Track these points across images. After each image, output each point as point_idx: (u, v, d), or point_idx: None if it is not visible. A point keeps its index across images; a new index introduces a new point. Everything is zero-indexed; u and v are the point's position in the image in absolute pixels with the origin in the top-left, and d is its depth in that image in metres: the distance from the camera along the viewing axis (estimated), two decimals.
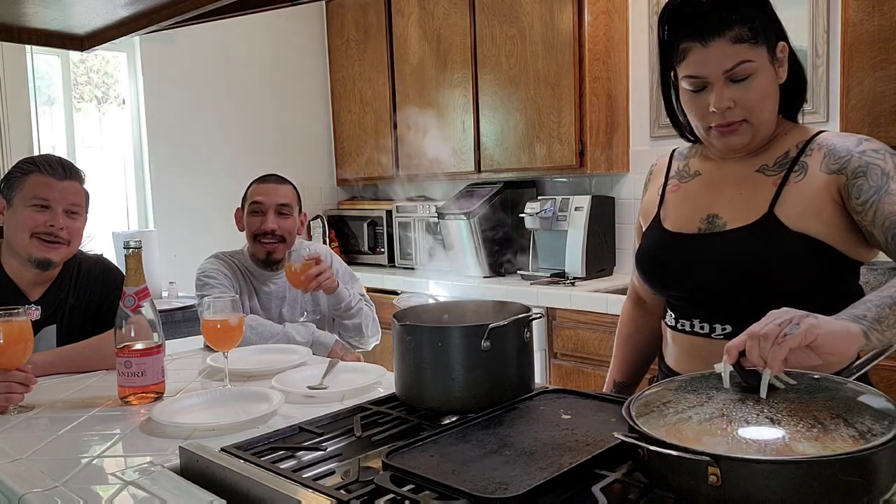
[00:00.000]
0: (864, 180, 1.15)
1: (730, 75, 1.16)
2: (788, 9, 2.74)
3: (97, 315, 1.83)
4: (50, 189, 1.73)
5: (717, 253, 1.21)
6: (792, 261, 1.16)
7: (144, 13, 1.63)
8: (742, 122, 1.19)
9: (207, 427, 1.27)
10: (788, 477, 0.77)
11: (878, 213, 1.13)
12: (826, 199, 1.17)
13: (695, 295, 1.25)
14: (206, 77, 3.89)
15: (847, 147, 1.19)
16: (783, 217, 1.17)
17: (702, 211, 1.26)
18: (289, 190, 2.22)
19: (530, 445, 0.99)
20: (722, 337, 1.21)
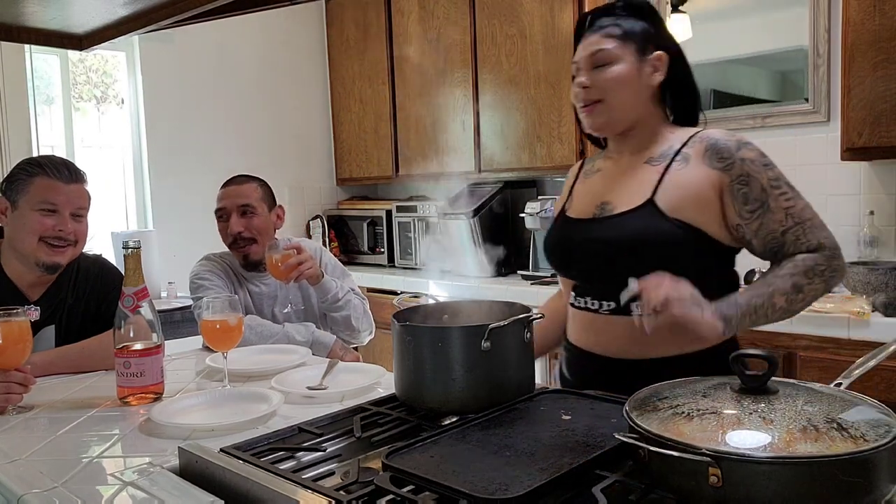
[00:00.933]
0: (749, 190, 1.31)
1: (592, 61, 1.36)
2: (789, 9, 2.75)
3: (96, 315, 1.82)
4: (57, 193, 1.72)
5: (603, 235, 1.35)
6: (668, 244, 1.28)
7: (143, 12, 1.63)
8: (598, 102, 1.36)
9: (207, 428, 1.27)
10: (790, 477, 0.76)
11: (762, 226, 1.31)
12: (708, 191, 1.31)
13: (587, 274, 1.40)
14: (205, 76, 3.88)
15: (729, 148, 1.33)
16: (662, 204, 1.30)
17: (597, 199, 1.41)
18: (251, 188, 2.15)
19: (530, 446, 0.99)
20: (608, 312, 1.34)
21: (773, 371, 0.91)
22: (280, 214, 2.23)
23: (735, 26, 2.91)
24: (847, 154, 2.40)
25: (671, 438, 0.83)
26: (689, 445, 0.81)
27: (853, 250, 2.63)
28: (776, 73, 2.86)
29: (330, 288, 2.13)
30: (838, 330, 2.17)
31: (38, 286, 1.79)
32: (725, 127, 2.94)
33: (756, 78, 2.92)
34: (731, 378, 0.95)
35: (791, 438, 0.80)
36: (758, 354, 0.92)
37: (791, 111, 2.77)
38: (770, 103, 2.85)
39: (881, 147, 2.32)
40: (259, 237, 2.12)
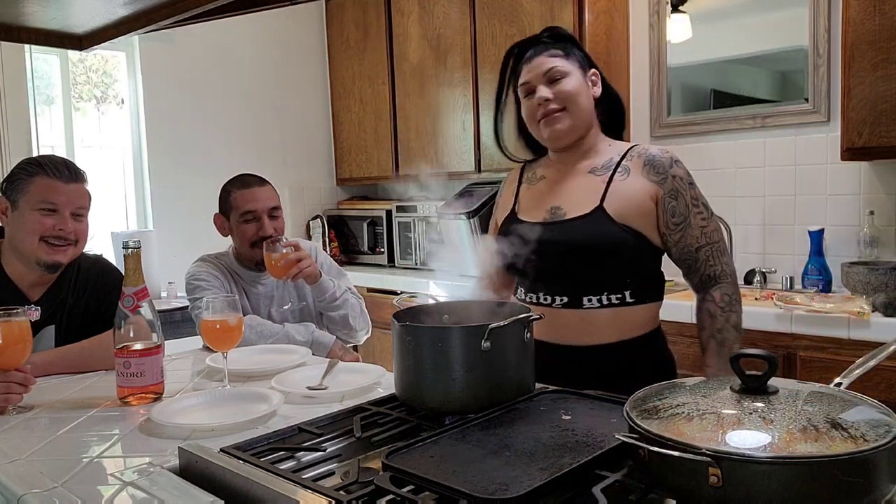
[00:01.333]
0: (676, 204, 1.49)
1: (547, 77, 1.52)
2: (789, 9, 2.75)
3: (96, 315, 1.82)
4: (57, 192, 1.72)
5: (557, 237, 1.50)
6: (616, 245, 1.46)
7: (143, 12, 1.63)
8: (561, 111, 1.51)
9: (207, 427, 1.27)
10: (790, 477, 0.76)
11: (682, 239, 1.50)
12: (647, 200, 1.49)
13: (539, 272, 1.53)
14: (205, 76, 3.88)
15: (664, 164, 1.50)
16: (610, 210, 1.47)
17: (547, 204, 1.56)
18: (272, 191, 2.19)
19: (531, 446, 0.99)
20: (560, 306, 1.51)
21: (773, 371, 0.91)
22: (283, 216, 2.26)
23: (735, 26, 2.91)
24: (847, 154, 2.40)
25: (671, 438, 0.83)
26: (689, 445, 0.81)
27: (853, 250, 2.63)
28: (776, 73, 2.86)
29: (327, 287, 2.14)
30: (838, 330, 2.18)
31: (38, 286, 1.79)
32: (726, 127, 2.95)
33: (756, 78, 2.92)
34: (731, 378, 0.95)
35: (791, 438, 0.80)
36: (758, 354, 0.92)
37: (791, 111, 2.77)
38: (770, 103, 2.85)
39: (881, 147, 2.32)
40: (281, 237, 2.15)
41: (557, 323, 1.51)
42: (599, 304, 1.49)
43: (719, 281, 1.53)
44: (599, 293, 1.48)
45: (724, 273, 1.53)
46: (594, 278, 1.48)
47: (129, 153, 3.76)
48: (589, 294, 1.48)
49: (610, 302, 1.48)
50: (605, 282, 1.48)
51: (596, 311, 1.48)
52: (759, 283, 2.80)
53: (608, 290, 1.49)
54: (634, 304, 1.50)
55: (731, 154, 2.95)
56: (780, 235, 2.85)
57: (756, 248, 2.92)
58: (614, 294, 1.49)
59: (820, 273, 2.61)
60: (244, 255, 2.18)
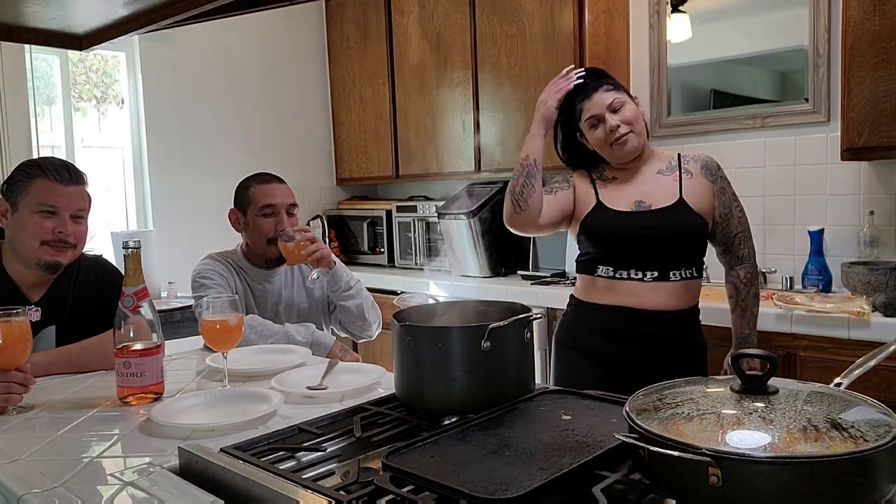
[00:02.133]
0: (724, 198, 1.87)
1: (611, 107, 1.83)
2: (789, 9, 2.75)
3: (96, 315, 1.82)
4: (57, 195, 1.72)
5: (649, 224, 1.81)
6: (696, 229, 1.83)
7: (143, 12, 1.63)
8: (629, 133, 1.82)
9: (206, 427, 1.27)
10: (790, 477, 0.76)
11: (726, 226, 1.88)
12: (709, 195, 1.85)
13: (631, 252, 1.81)
14: (205, 76, 3.88)
15: (714, 168, 1.89)
16: (689, 202, 1.82)
17: (630, 198, 1.85)
18: (290, 188, 2.24)
19: (530, 446, 0.99)
20: (651, 280, 1.81)
21: (773, 371, 0.91)
22: None
23: (735, 26, 2.91)
24: (847, 154, 2.40)
25: (671, 438, 0.83)
26: (689, 445, 0.81)
27: (853, 250, 2.63)
28: (776, 73, 2.86)
29: (342, 275, 2.17)
30: (838, 330, 2.18)
31: (38, 286, 1.79)
32: (726, 127, 2.95)
33: (756, 78, 2.92)
34: (731, 378, 0.95)
35: (791, 438, 0.80)
36: (758, 354, 0.92)
37: (791, 111, 2.77)
38: (770, 103, 2.85)
39: (881, 147, 2.32)
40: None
41: (648, 294, 1.81)
42: (681, 277, 1.82)
43: (745, 261, 1.92)
44: (680, 268, 1.82)
45: (749, 255, 1.92)
46: (677, 257, 1.81)
47: (129, 153, 3.76)
48: (674, 269, 1.81)
49: (686, 276, 1.83)
50: (685, 259, 1.82)
51: (677, 283, 1.82)
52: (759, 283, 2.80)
53: (685, 265, 1.82)
54: (698, 278, 1.87)
55: (731, 154, 2.94)
56: (780, 235, 2.85)
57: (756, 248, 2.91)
58: (688, 269, 1.83)
59: (820, 273, 2.61)
60: (257, 252, 2.19)
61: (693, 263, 1.85)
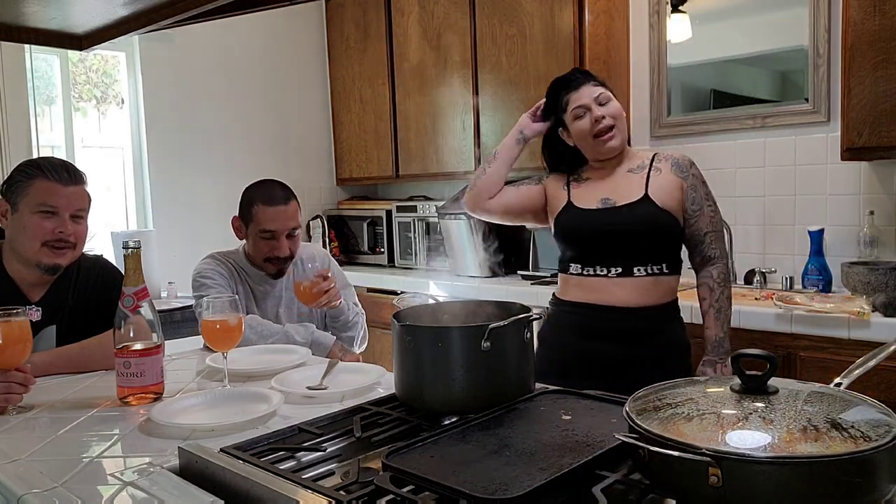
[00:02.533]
0: (696, 195, 1.86)
1: (597, 100, 1.86)
2: (789, 9, 2.75)
3: (96, 315, 1.82)
4: (56, 196, 1.72)
5: (613, 220, 1.83)
6: (660, 225, 1.82)
7: (143, 12, 1.62)
8: (613, 128, 1.85)
9: (206, 427, 1.27)
10: (790, 477, 0.76)
11: (696, 223, 1.87)
12: (677, 190, 1.85)
13: (598, 250, 1.84)
14: (205, 76, 3.88)
15: (686, 165, 1.89)
16: (654, 198, 1.82)
17: (598, 196, 1.88)
18: (295, 208, 2.15)
19: (531, 446, 0.99)
20: (616, 276, 1.82)
21: (773, 371, 0.91)
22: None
23: (735, 26, 2.91)
24: (847, 154, 2.40)
25: (671, 438, 0.83)
26: (689, 445, 0.81)
27: (853, 250, 2.63)
28: (776, 73, 2.86)
29: (343, 311, 2.19)
30: (838, 330, 2.18)
31: (39, 286, 1.79)
32: (726, 127, 2.95)
33: (756, 78, 2.92)
34: (731, 378, 0.95)
35: (791, 438, 0.80)
36: (758, 354, 0.92)
37: (791, 111, 2.77)
38: (770, 103, 2.85)
39: (881, 147, 2.32)
40: (296, 253, 2.18)
41: (612, 290, 1.82)
42: (646, 273, 1.81)
43: (717, 261, 1.89)
44: (645, 264, 1.81)
45: (721, 255, 1.90)
46: (641, 252, 1.81)
47: (129, 153, 3.76)
48: (638, 265, 1.81)
49: (653, 271, 1.82)
50: (650, 255, 1.82)
51: (643, 279, 1.81)
52: (759, 283, 2.80)
53: (651, 261, 1.82)
54: (669, 275, 1.85)
55: (731, 154, 2.95)
56: (780, 235, 2.85)
57: (756, 248, 2.92)
58: (655, 265, 1.82)
59: (820, 273, 2.61)
60: (255, 261, 2.19)
61: (662, 260, 1.83)
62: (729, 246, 2.93)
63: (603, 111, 1.84)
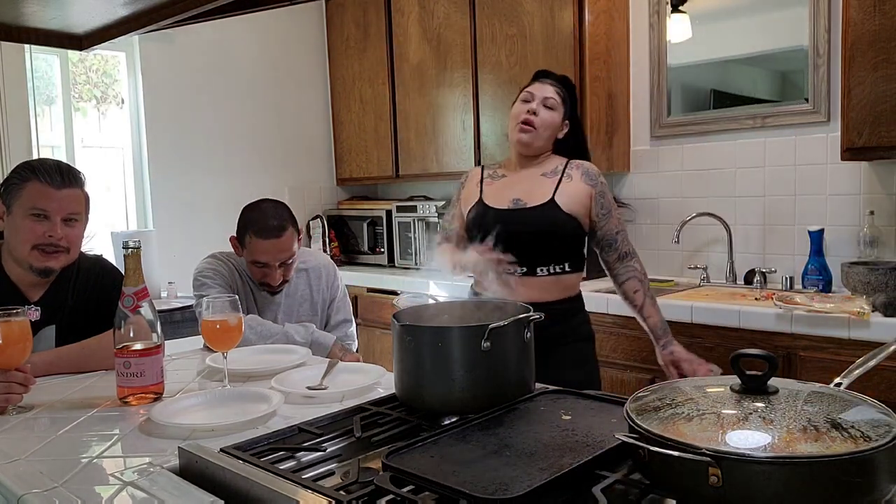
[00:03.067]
0: (604, 201, 2.00)
1: (543, 100, 2.00)
2: (789, 9, 2.75)
3: (96, 315, 1.82)
4: (48, 199, 1.71)
5: (520, 220, 1.94)
6: (563, 228, 1.94)
7: (143, 12, 1.62)
8: (534, 130, 1.98)
9: (206, 428, 1.27)
10: (790, 477, 0.76)
11: (606, 224, 2.00)
12: (585, 197, 1.97)
13: (504, 248, 1.83)
14: (205, 76, 3.88)
15: (595, 174, 2.01)
16: (560, 202, 1.94)
17: (509, 196, 1.99)
18: (290, 238, 2.08)
19: (531, 446, 0.99)
20: (520, 274, 1.92)
21: (773, 371, 0.91)
22: (300, 239, 2.18)
23: (735, 26, 2.91)
24: (847, 154, 2.40)
25: (671, 438, 0.83)
26: (689, 445, 0.81)
27: (853, 250, 2.63)
28: (776, 73, 2.86)
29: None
30: (838, 330, 2.18)
31: (38, 286, 1.79)
32: (726, 127, 2.95)
33: (756, 78, 2.92)
34: (731, 378, 0.95)
35: (791, 438, 0.80)
36: (758, 354, 0.92)
37: (791, 111, 2.77)
38: (770, 103, 2.84)
39: (881, 147, 2.32)
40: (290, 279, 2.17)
41: (519, 289, 1.90)
42: (548, 272, 1.94)
43: (634, 256, 2.04)
44: (548, 264, 1.94)
45: (633, 251, 2.05)
46: (545, 253, 1.93)
47: (129, 153, 3.76)
48: (541, 265, 1.93)
49: (555, 271, 1.95)
50: (553, 255, 1.94)
51: (545, 278, 1.94)
52: (759, 283, 2.80)
53: (554, 261, 1.94)
54: (570, 273, 1.98)
55: (731, 154, 2.95)
56: (780, 235, 2.85)
57: (756, 248, 2.92)
58: (558, 265, 1.95)
59: (820, 273, 2.61)
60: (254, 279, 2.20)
61: (565, 259, 1.95)
62: (729, 246, 2.94)
63: (537, 108, 1.98)
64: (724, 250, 2.97)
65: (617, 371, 2.63)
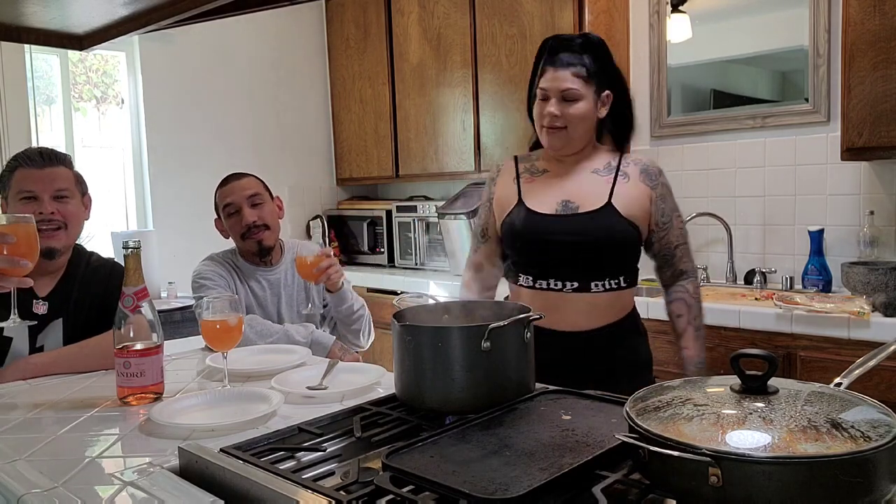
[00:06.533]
0: (665, 206, 1.71)
1: (562, 95, 1.65)
2: (789, 9, 2.75)
3: (103, 313, 1.83)
4: (33, 180, 1.76)
5: (573, 229, 1.66)
6: (623, 237, 1.66)
7: (143, 12, 1.62)
8: (562, 129, 1.67)
9: (206, 428, 1.27)
10: (790, 477, 0.76)
11: (665, 236, 1.72)
12: (645, 200, 1.69)
13: (552, 260, 1.67)
14: (205, 76, 3.88)
15: (655, 174, 1.72)
16: (618, 206, 1.66)
17: (557, 197, 1.70)
18: (251, 181, 2.24)
19: (530, 446, 0.99)
20: (571, 291, 1.67)
21: (773, 371, 0.91)
22: (280, 204, 2.30)
23: (735, 26, 2.91)
24: (847, 154, 2.40)
25: (671, 438, 0.83)
26: (689, 445, 0.81)
27: (853, 250, 2.63)
28: (776, 73, 2.86)
29: (346, 298, 2.18)
30: (838, 330, 2.18)
31: (46, 280, 1.80)
32: (726, 127, 2.95)
33: (756, 78, 2.92)
34: (731, 378, 0.95)
35: (791, 438, 0.80)
36: (758, 354, 0.92)
37: (791, 111, 2.77)
38: (770, 103, 2.85)
39: (881, 147, 2.32)
40: (271, 223, 2.20)
41: (566, 307, 1.67)
42: (603, 288, 1.67)
43: (689, 276, 1.77)
44: (603, 278, 1.67)
45: (693, 269, 1.78)
46: (601, 266, 1.67)
47: (129, 153, 3.76)
48: (596, 280, 1.67)
49: (611, 286, 1.68)
50: (609, 269, 1.68)
51: (600, 295, 1.68)
52: (759, 283, 2.80)
53: (609, 275, 1.68)
54: (627, 288, 1.71)
55: (731, 154, 2.95)
56: (780, 235, 2.85)
57: (756, 248, 2.92)
58: (614, 279, 1.68)
59: (820, 273, 2.61)
60: (242, 249, 2.22)
61: (621, 273, 1.69)
62: (729, 246, 2.94)
63: (560, 109, 1.65)
64: (724, 250, 2.97)
65: None
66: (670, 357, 2.42)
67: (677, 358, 1.76)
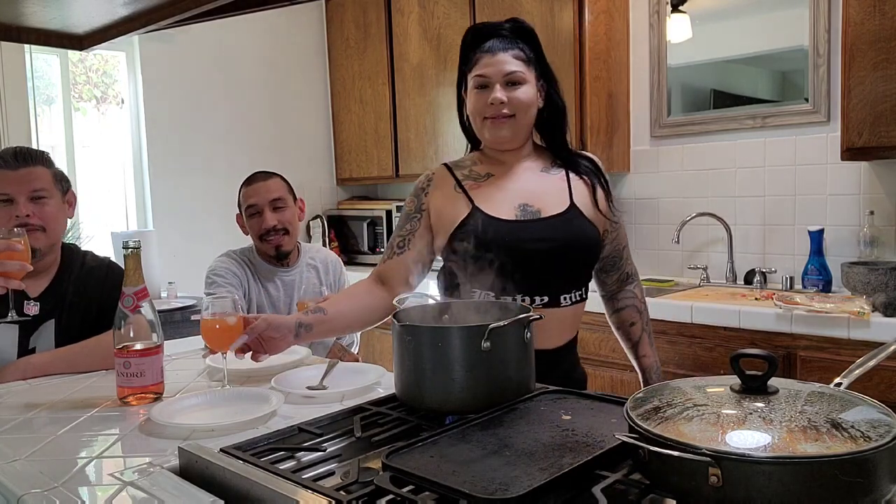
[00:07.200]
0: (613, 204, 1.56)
1: (507, 79, 1.47)
2: (789, 9, 2.75)
3: (99, 314, 1.83)
4: (7, 182, 1.72)
5: (542, 235, 1.46)
6: (589, 241, 1.50)
7: (143, 12, 1.62)
8: (510, 118, 1.48)
9: (206, 428, 1.27)
10: (790, 477, 0.76)
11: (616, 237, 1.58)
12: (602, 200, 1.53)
13: (515, 271, 1.43)
14: (205, 76, 3.88)
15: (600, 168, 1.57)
16: (581, 208, 1.50)
17: (512, 202, 1.49)
18: (277, 183, 2.24)
19: (530, 446, 0.99)
20: (541, 306, 1.45)
21: (773, 371, 0.91)
22: (301, 207, 2.32)
23: (735, 26, 2.91)
24: (847, 154, 2.40)
25: (671, 438, 0.83)
26: (689, 445, 0.81)
27: (853, 250, 2.63)
28: (776, 73, 2.86)
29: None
30: (838, 330, 2.18)
31: (37, 281, 1.79)
32: (726, 127, 2.95)
33: (756, 78, 2.92)
34: (731, 378, 0.95)
35: (791, 438, 0.80)
36: (758, 354, 0.92)
37: (791, 111, 2.77)
38: (770, 103, 2.85)
39: (881, 147, 2.32)
40: (290, 228, 2.22)
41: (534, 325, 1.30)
42: (571, 301, 1.50)
43: (634, 279, 1.65)
44: (570, 290, 1.50)
45: (635, 272, 1.66)
46: (569, 276, 1.49)
47: (129, 153, 3.76)
48: (565, 291, 1.48)
49: (577, 298, 1.51)
50: (576, 279, 1.51)
51: (567, 310, 1.50)
52: (759, 283, 2.80)
53: (575, 287, 1.51)
54: (583, 301, 1.55)
55: (731, 154, 2.95)
56: (780, 235, 2.85)
57: (756, 248, 2.92)
58: (578, 291, 1.52)
59: (820, 273, 2.61)
60: (260, 249, 2.24)
61: (583, 283, 1.53)
62: (729, 246, 2.94)
63: (505, 95, 1.47)
64: (724, 250, 2.97)
65: (617, 371, 2.63)
66: (670, 357, 2.43)
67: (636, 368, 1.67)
